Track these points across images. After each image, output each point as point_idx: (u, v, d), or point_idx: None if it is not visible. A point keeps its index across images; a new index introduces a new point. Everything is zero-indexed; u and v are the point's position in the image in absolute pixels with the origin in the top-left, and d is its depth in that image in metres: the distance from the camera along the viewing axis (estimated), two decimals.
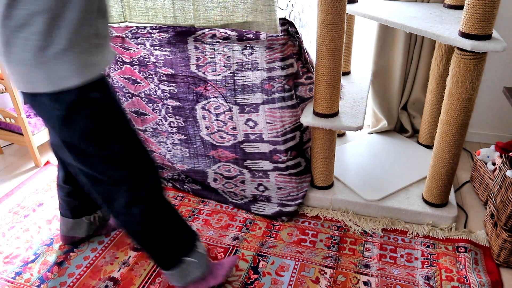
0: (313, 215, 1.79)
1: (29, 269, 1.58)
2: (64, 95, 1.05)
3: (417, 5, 1.80)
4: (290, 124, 1.70)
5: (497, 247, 1.51)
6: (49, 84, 1.03)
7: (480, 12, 1.25)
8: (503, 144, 1.83)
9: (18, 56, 1.00)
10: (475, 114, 2.25)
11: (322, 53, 1.51)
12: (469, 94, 1.41)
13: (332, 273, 1.51)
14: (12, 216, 1.86)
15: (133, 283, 1.50)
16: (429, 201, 1.70)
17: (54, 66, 1.01)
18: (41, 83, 1.03)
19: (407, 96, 2.19)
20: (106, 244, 1.68)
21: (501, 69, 2.09)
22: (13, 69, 1.03)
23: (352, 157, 2.05)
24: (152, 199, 1.27)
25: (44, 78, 1.02)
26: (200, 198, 1.93)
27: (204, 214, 1.83)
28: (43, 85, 1.03)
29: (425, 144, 2.12)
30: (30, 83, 1.04)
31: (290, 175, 1.79)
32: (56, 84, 1.04)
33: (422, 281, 1.46)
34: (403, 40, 2.01)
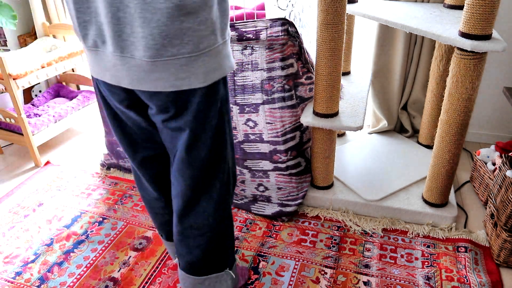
0: (313, 215, 1.79)
1: (29, 269, 1.58)
2: (214, 87, 1.04)
3: (417, 5, 1.80)
4: (290, 124, 1.70)
5: (497, 247, 1.51)
6: (210, 78, 1.01)
7: (480, 12, 1.25)
8: (503, 144, 1.83)
9: (183, 50, 0.95)
10: (475, 114, 2.25)
11: (322, 53, 1.51)
12: (469, 94, 1.41)
13: (332, 273, 1.51)
14: (12, 216, 1.86)
15: (133, 283, 1.50)
16: (429, 201, 1.70)
17: (212, 58, 0.99)
18: (197, 78, 1.00)
19: (407, 96, 2.19)
20: (106, 244, 1.68)
21: (501, 69, 2.09)
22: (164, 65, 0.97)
23: (352, 157, 2.05)
24: (229, 204, 1.27)
25: (195, 72, 0.99)
26: None
27: None
28: (198, 79, 1.00)
29: (425, 144, 2.12)
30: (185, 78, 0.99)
31: (290, 175, 1.79)
32: (211, 78, 1.01)
33: (422, 281, 1.46)
34: (403, 40, 2.01)
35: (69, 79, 2.69)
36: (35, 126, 2.18)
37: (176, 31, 0.92)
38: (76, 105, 2.42)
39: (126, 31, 0.93)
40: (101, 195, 1.99)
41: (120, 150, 2.10)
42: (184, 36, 0.93)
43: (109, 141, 2.11)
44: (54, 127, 2.28)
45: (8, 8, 2.23)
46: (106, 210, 1.87)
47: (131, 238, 1.71)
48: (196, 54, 0.97)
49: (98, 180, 2.10)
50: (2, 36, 2.56)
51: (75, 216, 1.85)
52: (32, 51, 2.41)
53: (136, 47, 0.94)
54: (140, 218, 1.82)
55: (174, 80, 0.98)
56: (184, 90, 1.01)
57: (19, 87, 2.07)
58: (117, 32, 0.93)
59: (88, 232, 1.75)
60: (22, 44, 2.60)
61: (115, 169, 2.16)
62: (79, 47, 2.38)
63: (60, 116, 2.32)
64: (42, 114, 2.34)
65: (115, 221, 1.80)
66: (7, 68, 1.99)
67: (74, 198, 1.97)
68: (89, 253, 1.64)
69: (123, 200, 1.94)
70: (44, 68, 2.19)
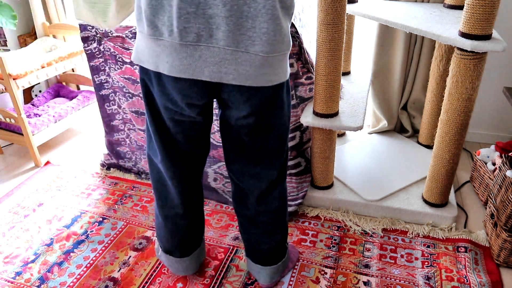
0: (313, 215, 1.79)
1: (29, 269, 1.58)
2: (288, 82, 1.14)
3: (417, 5, 1.80)
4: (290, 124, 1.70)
5: (497, 247, 1.51)
6: (286, 72, 1.08)
7: (480, 12, 1.25)
8: (503, 144, 1.83)
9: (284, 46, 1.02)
10: (475, 114, 2.25)
11: (322, 53, 1.51)
12: (469, 94, 1.41)
13: (332, 273, 1.51)
14: (12, 216, 1.86)
15: (133, 283, 1.50)
16: (429, 201, 1.70)
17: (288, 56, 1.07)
18: (284, 73, 1.06)
19: (407, 96, 2.19)
20: (106, 244, 1.68)
21: (501, 69, 2.09)
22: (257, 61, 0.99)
23: (352, 157, 2.05)
24: (286, 188, 1.34)
25: (284, 67, 1.06)
26: None
27: (204, 214, 1.83)
28: (284, 74, 1.07)
29: (425, 144, 2.12)
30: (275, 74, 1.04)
31: (290, 175, 1.79)
32: (288, 73, 1.09)
33: (422, 281, 1.46)
34: (403, 40, 2.01)
35: (69, 79, 2.69)
36: (35, 126, 2.18)
37: (285, 29, 0.98)
38: (76, 105, 2.42)
39: (246, 25, 0.93)
40: (101, 195, 1.99)
41: (120, 150, 2.10)
42: (288, 34, 1.00)
43: (109, 141, 2.11)
44: (54, 127, 2.28)
45: (8, 8, 2.23)
46: (106, 210, 1.87)
47: (131, 238, 1.71)
48: (287, 51, 1.03)
49: (98, 180, 2.10)
50: (2, 36, 2.56)
51: (75, 216, 1.85)
52: (32, 51, 2.41)
53: (253, 41, 0.95)
54: (140, 218, 1.82)
55: (273, 76, 1.02)
56: (277, 86, 1.06)
57: (19, 87, 2.07)
58: (237, 26, 0.93)
59: (88, 232, 1.75)
60: (22, 44, 2.60)
61: (115, 169, 2.16)
62: (79, 47, 2.38)
63: (60, 116, 2.32)
64: (42, 114, 2.34)
65: (115, 221, 1.80)
66: (7, 68, 1.99)
67: (74, 198, 1.97)
68: (89, 253, 1.64)
69: (123, 200, 1.94)
70: (44, 68, 2.19)
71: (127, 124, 2.01)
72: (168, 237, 1.39)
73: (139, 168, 2.10)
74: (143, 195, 1.97)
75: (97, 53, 1.85)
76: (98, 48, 1.84)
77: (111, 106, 1.99)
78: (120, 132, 2.05)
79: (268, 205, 1.29)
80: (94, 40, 1.82)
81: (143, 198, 1.95)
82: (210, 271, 1.53)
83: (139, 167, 2.10)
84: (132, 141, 2.04)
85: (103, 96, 1.97)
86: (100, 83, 1.93)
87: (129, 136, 2.04)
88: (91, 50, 1.85)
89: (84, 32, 1.80)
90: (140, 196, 1.96)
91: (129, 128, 2.02)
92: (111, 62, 1.85)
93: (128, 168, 2.13)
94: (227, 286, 1.47)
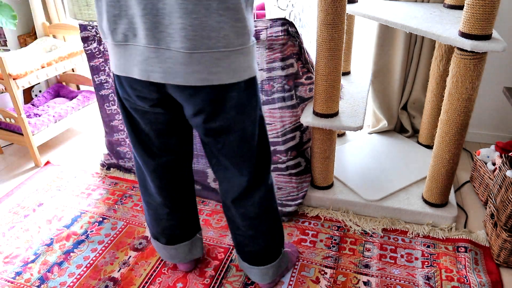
0: (313, 215, 1.79)
1: (29, 269, 1.58)
2: (251, 83, 1.08)
3: (417, 5, 1.80)
4: (290, 124, 1.70)
5: (497, 247, 1.51)
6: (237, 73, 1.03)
7: (480, 12, 1.25)
8: (503, 144, 1.83)
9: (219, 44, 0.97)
10: (475, 114, 2.25)
11: (322, 53, 1.51)
12: (469, 94, 1.41)
13: (332, 273, 1.51)
14: (12, 216, 1.86)
15: (133, 283, 1.50)
16: (429, 201, 1.70)
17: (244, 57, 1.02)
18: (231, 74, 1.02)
19: (407, 96, 2.19)
20: (106, 244, 1.68)
21: (501, 69, 2.09)
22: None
23: (352, 157, 2.05)
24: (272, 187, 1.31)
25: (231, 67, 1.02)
26: (200, 198, 1.93)
27: (204, 214, 1.83)
28: (231, 75, 1.02)
29: (425, 144, 2.12)
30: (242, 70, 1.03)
31: (290, 175, 1.79)
32: (241, 76, 1.04)
33: (422, 281, 1.46)
34: (403, 40, 2.01)
35: (69, 79, 2.69)
36: (35, 126, 2.18)
37: (214, 23, 0.93)
38: (76, 105, 2.42)
39: (164, 22, 0.92)
40: (101, 195, 1.99)
41: (120, 150, 2.10)
42: (221, 30, 0.94)
43: (109, 141, 2.11)
44: (54, 127, 2.28)
45: (8, 8, 2.23)
46: (106, 210, 1.87)
47: (131, 238, 1.71)
48: (230, 50, 0.98)
49: (98, 180, 2.10)
50: (2, 36, 2.56)
51: (75, 216, 1.85)
52: (32, 51, 2.41)
53: (173, 38, 0.93)
54: (140, 218, 1.82)
55: (207, 74, 0.98)
56: (221, 86, 1.02)
57: (19, 87, 2.07)
58: (154, 24, 0.93)
59: (88, 232, 1.75)
60: (22, 44, 2.60)
61: (115, 169, 2.16)
62: (79, 47, 2.38)
63: (60, 116, 2.32)
64: (42, 114, 2.34)
65: (115, 221, 1.80)
66: (7, 68, 1.99)
67: (74, 198, 1.97)
68: (89, 253, 1.64)
69: (123, 200, 1.94)
70: (44, 68, 2.19)
71: None
72: (152, 223, 1.42)
73: None
74: None
75: (97, 53, 1.85)
76: (98, 48, 1.84)
77: (111, 106, 1.99)
78: (120, 132, 2.05)
79: (246, 211, 1.26)
80: (94, 40, 1.82)
81: None
82: (210, 271, 1.53)
83: None
84: None
85: (103, 96, 1.97)
86: (100, 83, 1.93)
87: None
88: (91, 50, 1.85)
89: (84, 32, 1.80)
90: (140, 196, 1.96)
91: None
92: None
93: (128, 168, 2.13)
94: (227, 286, 1.47)
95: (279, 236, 1.38)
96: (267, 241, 1.34)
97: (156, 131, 1.18)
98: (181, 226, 1.42)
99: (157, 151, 1.23)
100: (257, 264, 1.37)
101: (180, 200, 1.36)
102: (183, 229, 1.43)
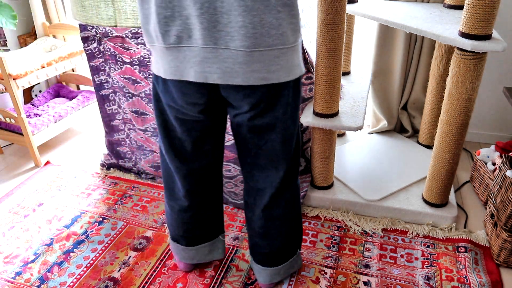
0: (313, 215, 1.79)
1: (29, 269, 1.58)
2: (298, 82, 1.09)
3: (417, 5, 1.80)
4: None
5: (497, 247, 1.51)
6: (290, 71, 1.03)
7: (480, 12, 1.25)
8: (503, 144, 1.83)
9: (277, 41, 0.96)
10: (475, 114, 2.25)
11: (322, 53, 1.51)
12: (469, 94, 1.41)
13: (332, 273, 1.51)
14: (12, 216, 1.86)
15: (133, 283, 1.50)
16: (429, 201, 1.70)
17: (295, 54, 1.02)
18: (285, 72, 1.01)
19: (407, 96, 2.19)
20: (106, 244, 1.68)
21: (501, 69, 2.09)
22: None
23: (352, 157, 2.05)
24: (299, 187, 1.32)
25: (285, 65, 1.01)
26: None
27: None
28: (287, 73, 1.01)
29: (425, 144, 2.12)
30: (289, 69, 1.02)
31: None
32: (294, 73, 1.04)
33: (422, 281, 1.46)
34: (403, 40, 2.01)
35: (69, 79, 2.69)
36: (35, 126, 2.18)
37: (273, 20, 0.92)
38: (76, 105, 2.42)
39: (222, 21, 0.91)
40: (101, 195, 1.99)
41: (120, 150, 2.10)
42: (280, 27, 0.93)
43: (109, 141, 2.11)
44: (54, 127, 2.28)
45: (8, 8, 2.23)
46: (106, 210, 1.87)
47: (131, 238, 1.71)
48: (287, 47, 0.97)
49: (98, 180, 2.10)
50: (2, 36, 2.56)
51: (75, 216, 1.85)
52: (32, 51, 2.41)
53: (232, 37, 0.92)
54: (140, 218, 1.82)
55: (266, 73, 0.97)
56: (278, 84, 1.01)
57: (19, 87, 2.07)
58: (212, 23, 0.91)
59: (88, 232, 1.75)
60: (22, 44, 2.60)
61: (115, 169, 2.16)
62: (79, 47, 2.38)
63: (60, 116, 2.32)
64: (42, 114, 2.34)
65: (115, 221, 1.80)
66: (7, 68, 1.99)
67: (74, 198, 1.97)
68: (89, 253, 1.64)
69: (123, 200, 1.94)
70: (44, 68, 2.19)
71: (127, 124, 2.01)
72: (174, 226, 1.41)
73: (139, 168, 2.10)
74: (143, 195, 1.97)
75: (97, 53, 1.85)
76: (98, 48, 1.84)
77: (111, 106, 1.99)
78: (120, 132, 2.05)
79: (272, 211, 1.27)
80: (94, 40, 1.82)
81: (143, 198, 1.95)
82: (210, 271, 1.53)
83: (139, 167, 2.10)
84: (132, 141, 2.04)
85: (103, 96, 1.97)
86: (100, 83, 1.93)
87: (129, 136, 2.04)
88: (91, 50, 1.85)
89: (84, 32, 1.80)
90: (140, 196, 1.96)
91: (129, 128, 2.02)
92: (111, 62, 1.85)
93: (128, 168, 2.13)
94: (227, 286, 1.47)
95: (297, 236, 1.39)
96: (285, 242, 1.35)
97: (193, 138, 1.18)
98: (204, 228, 1.42)
99: (191, 157, 1.22)
100: (269, 265, 1.37)
101: (207, 203, 1.37)
102: (205, 230, 1.43)
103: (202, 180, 1.30)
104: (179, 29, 0.94)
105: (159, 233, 1.72)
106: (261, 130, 1.11)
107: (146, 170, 2.08)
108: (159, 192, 1.98)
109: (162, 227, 1.76)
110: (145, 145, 2.01)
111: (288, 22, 0.94)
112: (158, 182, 2.05)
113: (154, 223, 1.78)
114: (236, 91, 1.02)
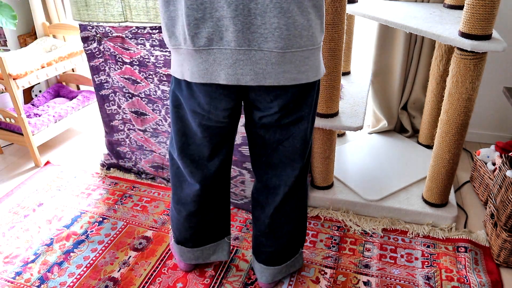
0: (313, 215, 1.79)
1: (29, 269, 1.58)
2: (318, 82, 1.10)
3: (417, 5, 1.80)
4: None
5: (497, 247, 1.51)
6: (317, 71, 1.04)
7: (480, 12, 1.25)
8: (503, 144, 1.83)
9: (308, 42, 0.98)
10: (475, 114, 2.25)
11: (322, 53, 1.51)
12: (469, 94, 1.41)
13: (332, 273, 1.51)
14: (12, 216, 1.86)
15: (133, 283, 1.50)
16: (429, 201, 1.70)
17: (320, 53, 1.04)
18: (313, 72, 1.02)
19: (407, 96, 2.19)
20: (106, 244, 1.68)
21: (501, 69, 2.09)
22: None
23: (352, 157, 2.05)
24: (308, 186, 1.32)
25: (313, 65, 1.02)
26: None
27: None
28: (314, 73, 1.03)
29: (425, 144, 2.12)
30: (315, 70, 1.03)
31: None
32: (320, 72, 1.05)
33: (422, 281, 1.46)
34: (403, 40, 2.01)
35: (69, 79, 2.69)
36: (35, 126, 2.18)
37: (305, 22, 0.93)
38: (76, 105, 2.42)
39: (255, 23, 0.91)
40: (101, 195, 1.99)
41: (120, 150, 2.10)
42: (310, 28, 0.95)
43: (109, 141, 2.11)
44: (54, 127, 2.28)
45: (8, 8, 2.23)
46: (106, 210, 1.87)
47: (131, 238, 1.71)
48: (315, 48, 0.99)
49: (98, 180, 2.10)
50: (2, 36, 2.56)
51: (75, 216, 1.85)
52: (32, 51, 2.41)
53: (266, 38, 0.92)
54: (140, 218, 1.82)
55: (296, 74, 0.98)
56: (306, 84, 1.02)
57: (19, 87, 2.07)
58: (246, 25, 0.91)
59: (88, 232, 1.75)
60: (22, 44, 2.60)
61: (115, 169, 2.16)
62: (79, 47, 2.38)
63: (60, 116, 2.32)
64: (42, 114, 2.34)
65: (115, 221, 1.80)
66: (7, 68, 1.99)
67: (74, 198, 1.97)
68: (89, 253, 1.64)
69: (123, 200, 1.94)
70: (44, 68, 2.19)
71: (127, 124, 2.01)
72: (180, 230, 1.40)
73: (139, 168, 2.10)
74: (143, 195, 1.97)
75: (97, 53, 1.85)
76: (98, 48, 1.84)
77: (111, 106, 1.99)
78: (120, 132, 2.05)
79: (282, 210, 1.27)
80: (94, 40, 1.82)
81: (143, 198, 1.95)
82: (210, 271, 1.53)
83: (139, 167, 2.10)
84: (132, 141, 2.04)
85: (103, 96, 1.97)
86: (100, 83, 1.93)
87: (129, 136, 2.04)
88: (91, 50, 1.85)
89: (84, 32, 1.80)
90: (140, 196, 1.96)
91: (129, 128, 2.02)
92: (111, 62, 1.85)
93: (128, 168, 2.13)
94: (227, 286, 1.47)
95: (302, 235, 1.40)
96: (290, 240, 1.35)
97: (213, 143, 1.18)
98: (209, 230, 1.42)
99: (206, 162, 1.23)
100: (274, 264, 1.38)
101: (215, 207, 1.37)
102: (211, 231, 1.43)
103: (214, 183, 1.30)
104: (210, 31, 0.94)
105: (159, 233, 1.72)
106: (285, 128, 1.12)
107: (146, 170, 2.08)
108: (159, 192, 1.98)
109: (162, 227, 1.76)
110: (145, 145, 2.01)
111: (316, 23, 0.96)
112: (158, 182, 2.05)
113: (154, 223, 1.78)
114: (267, 93, 1.02)
